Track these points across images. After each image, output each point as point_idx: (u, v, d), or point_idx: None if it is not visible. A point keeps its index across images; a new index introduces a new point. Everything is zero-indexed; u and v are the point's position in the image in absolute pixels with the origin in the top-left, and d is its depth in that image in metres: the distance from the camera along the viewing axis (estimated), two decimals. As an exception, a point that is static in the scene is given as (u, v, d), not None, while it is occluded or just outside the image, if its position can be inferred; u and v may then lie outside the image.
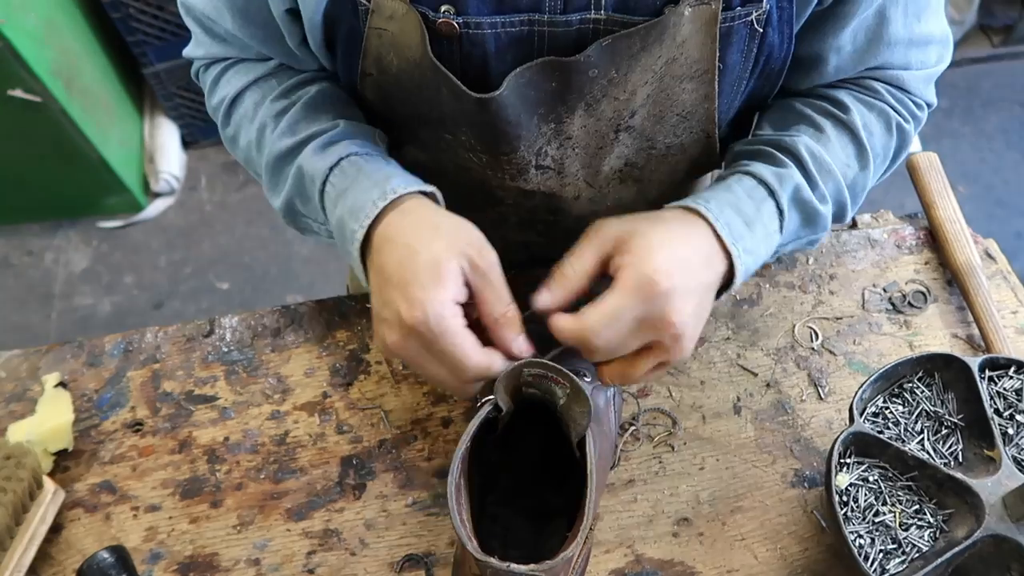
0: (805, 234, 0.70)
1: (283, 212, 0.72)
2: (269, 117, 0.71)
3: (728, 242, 0.62)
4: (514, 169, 0.71)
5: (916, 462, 0.67)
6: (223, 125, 0.76)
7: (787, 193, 0.66)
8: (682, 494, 0.75)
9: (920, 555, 0.64)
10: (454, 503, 0.55)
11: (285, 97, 0.71)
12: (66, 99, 1.95)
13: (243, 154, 0.75)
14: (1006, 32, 2.64)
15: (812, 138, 0.69)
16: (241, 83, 0.73)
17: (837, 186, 0.69)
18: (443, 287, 0.57)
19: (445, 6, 0.59)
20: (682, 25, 0.60)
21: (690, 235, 0.62)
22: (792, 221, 0.67)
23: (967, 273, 0.85)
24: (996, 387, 0.71)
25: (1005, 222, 2.33)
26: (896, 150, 0.75)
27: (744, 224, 0.63)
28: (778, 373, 0.82)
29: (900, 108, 0.73)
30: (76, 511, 0.75)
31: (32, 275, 2.28)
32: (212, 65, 0.76)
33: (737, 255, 0.62)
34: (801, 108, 0.73)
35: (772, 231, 0.66)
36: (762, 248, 0.65)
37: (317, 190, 0.66)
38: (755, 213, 0.64)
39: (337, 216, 0.65)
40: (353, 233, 0.62)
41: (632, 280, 0.57)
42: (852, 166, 0.71)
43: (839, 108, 0.72)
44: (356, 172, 0.65)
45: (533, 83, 0.63)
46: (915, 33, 0.68)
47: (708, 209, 0.63)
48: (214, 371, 0.84)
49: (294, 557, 0.72)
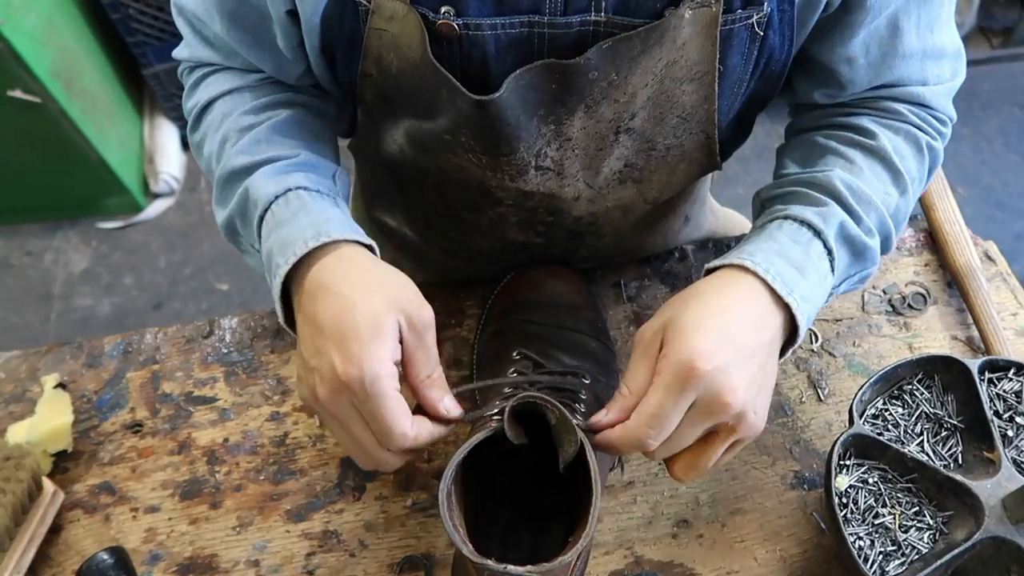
0: (856, 271, 0.67)
1: (224, 229, 0.70)
2: (233, 131, 0.69)
3: (783, 293, 0.58)
4: (513, 170, 0.71)
5: (916, 464, 0.67)
6: (192, 130, 0.75)
7: (833, 231, 0.63)
8: (682, 496, 0.75)
9: (920, 557, 0.64)
10: (445, 509, 0.55)
11: (254, 114, 0.70)
12: (66, 100, 1.95)
13: (205, 163, 0.73)
14: (1006, 34, 2.64)
15: (844, 170, 0.67)
16: (216, 91, 0.72)
17: (880, 217, 0.66)
18: (382, 344, 0.55)
19: (445, 7, 0.59)
20: (682, 27, 0.60)
21: (736, 299, 0.58)
22: (842, 260, 0.64)
23: (967, 275, 0.85)
24: (996, 389, 0.71)
25: (1005, 224, 2.33)
26: (929, 170, 0.73)
27: (796, 271, 0.60)
28: (778, 375, 0.82)
29: (925, 127, 0.71)
30: (75, 512, 0.75)
31: (31, 276, 2.28)
32: (196, 68, 0.75)
33: (796, 305, 0.59)
34: (825, 142, 0.71)
35: (824, 273, 0.62)
36: (818, 292, 0.62)
37: (257, 215, 0.64)
38: (804, 257, 0.61)
39: (267, 247, 0.63)
40: (277, 268, 0.60)
41: (669, 372, 0.55)
42: (892, 193, 0.68)
43: (865, 135, 0.69)
44: (299, 207, 0.63)
45: (533, 85, 0.63)
46: (929, 45, 0.67)
47: (756, 263, 0.59)
48: (214, 372, 0.84)
49: (293, 558, 0.72)
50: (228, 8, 0.67)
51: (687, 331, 0.55)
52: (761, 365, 0.57)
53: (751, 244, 0.62)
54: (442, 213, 0.84)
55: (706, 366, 0.53)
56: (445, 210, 0.83)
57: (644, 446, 0.56)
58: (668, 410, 0.55)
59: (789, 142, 0.76)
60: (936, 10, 0.66)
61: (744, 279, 0.59)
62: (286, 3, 0.64)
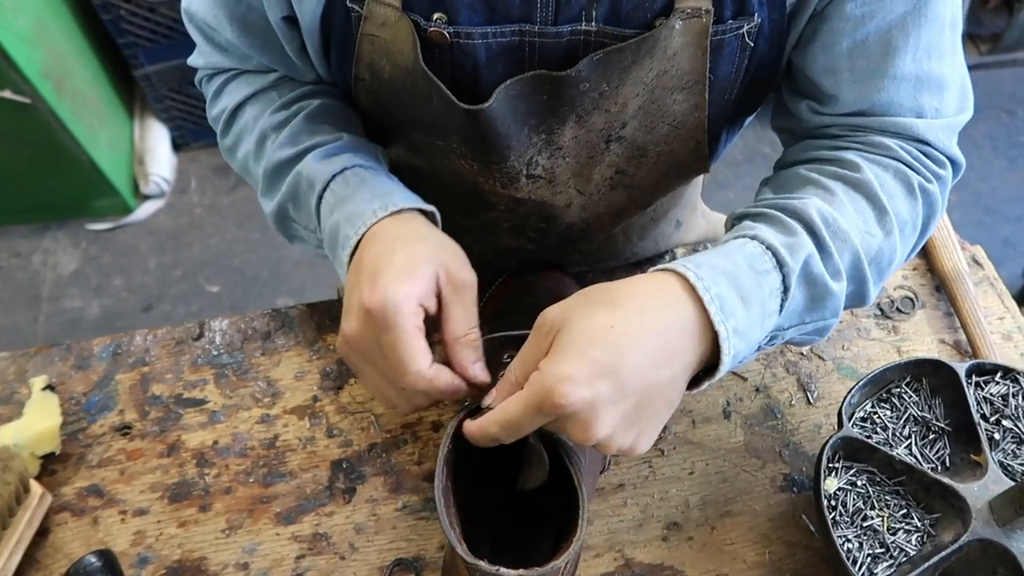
0: (811, 319, 0.60)
1: (274, 217, 0.72)
2: (270, 128, 0.70)
3: (716, 319, 0.51)
4: (504, 177, 0.71)
5: (904, 467, 0.67)
6: (222, 135, 0.76)
7: (797, 267, 0.55)
8: (672, 498, 0.75)
9: (908, 559, 0.65)
10: (442, 506, 0.55)
11: (286, 108, 0.71)
12: (55, 101, 1.94)
13: (240, 164, 0.75)
14: (993, 40, 2.66)
15: (823, 200, 0.59)
16: (242, 95, 0.73)
17: (855, 258, 0.59)
18: (410, 283, 0.55)
19: (437, 14, 0.59)
20: (673, 38, 0.60)
21: (653, 318, 0.51)
22: (796, 301, 0.57)
23: (954, 279, 0.86)
24: (983, 392, 0.71)
25: (992, 229, 2.35)
26: (925, 218, 0.64)
27: (739, 300, 0.53)
28: (767, 378, 0.82)
29: (918, 165, 0.63)
30: (63, 515, 0.75)
31: (20, 277, 2.27)
32: (215, 76, 0.77)
33: (725, 336, 0.51)
34: (806, 173, 0.64)
35: (771, 311, 0.55)
36: (756, 331, 0.54)
37: (316, 194, 0.65)
38: (755, 288, 0.54)
39: (332, 222, 0.64)
40: (347, 239, 0.62)
41: (533, 390, 0.50)
42: (874, 234, 0.60)
43: (848, 168, 0.63)
44: (359, 183, 0.64)
45: (523, 95, 0.63)
46: (925, 71, 0.61)
47: (699, 276, 0.52)
48: (203, 374, 0.83)
49: (283, 561, 0.72)
50: (238, 14, 0.68)
51: (569, 349, 0.50)
52: (645, 401, 0.52)
53: (705, 256, 0.55)
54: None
55: (571, 399, 0.48)
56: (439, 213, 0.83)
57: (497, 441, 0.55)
58: (522, 423, 0.52)
59: (773, 175, 0.71)
60: (936, 35, 0.61)
61: (677, 294, 0.52)
62: (282, 9, 0.64)
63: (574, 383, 0.48)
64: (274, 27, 0.66)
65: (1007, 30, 2.59)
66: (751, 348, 0.55)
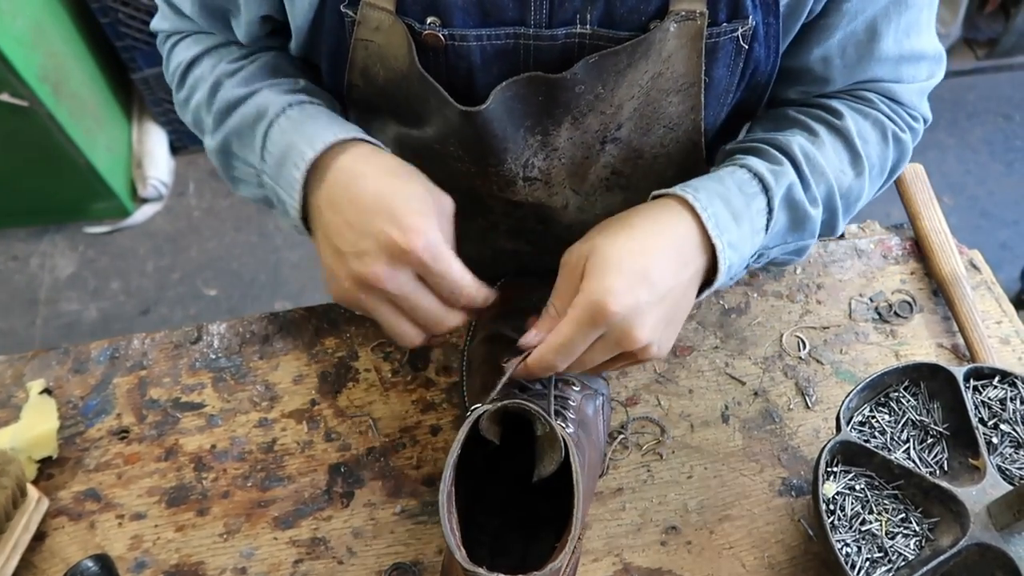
0: (792, 239, 0.69)
1: (216, 152, 0.70)
2: (224, 75, 0.69)
3: (713, 234, 0.60)
4: (502, 180, 0.71)
5: (902, 471, 0.67)
6: (177, 89, 0.75)
7: (780, 191, 0.64)
8: (670, 502, 0.75)
9: (906, 564, 0.65)
10: (445, 511, 0.55)
11: (243, 59, 0.70)
12: (54, 104, 1.94)
13: (192, 115, 0.73)
14: (990, 45, 2.67)
15: (806, 140, 0.68)
16: (198, 49, 0.72)
17: (829, 191, 0.68)
18: (435, 217, 0.57)
19: (431, 18, 0.59)
20: (667, 40, 0.60)
21: (665, 232, 0.60)
22: (780, 222, 0.66)
23: (952, 283, 0.86)
24: (981, 396, 0.71)
25: (990, 233, 2.35)
26: (894, 163, 0.74)
27: (731, 217, 0.61)
28: (766, 382, 0.82)
29: (895, 118, 0.72)
30: (60, 519, 0.75)
31: (17, 280, 2.26)
32: (173, 35, 0.76)
33: (721, 248, 0.60)
34: (795, 114, 0.72)
35: (758, 228, 0.64)
36: (747, 245, 0.63)
37: (267, 122, 0.63)
38: (744, 208, 0.62)
39: (285, 142, 0.62)
40: (302, 154, 0.60)
41: (581, 308, 0.56)
42: (847, 172, 0.70)
43: (833, 115, 0.71)
44: (316, 112, 0.63)
45: (519, 97, 0.63)
46: (905, 49, 0.68)
47: (696, 198, 0.60)
48: (201, 378, 0.83)
49: (281, 566, 0.72)
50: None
51: (606, 267, 0.57)
52: (674, 303, 0.59)
53: (700, 181, 0.63)
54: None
55: (617, 307, 0.55)
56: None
57: (553, 369, 0.59)
58: (576, 342, 0.57)
59: (764, 113, 0.77)
60: (915, 15, 0.67)
61: (680, 213, 0.60)
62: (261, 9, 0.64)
63: (617, 292, 0.55)
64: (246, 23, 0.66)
65: (1004, 35, 2.60)
66: (743, 261, 0.64)
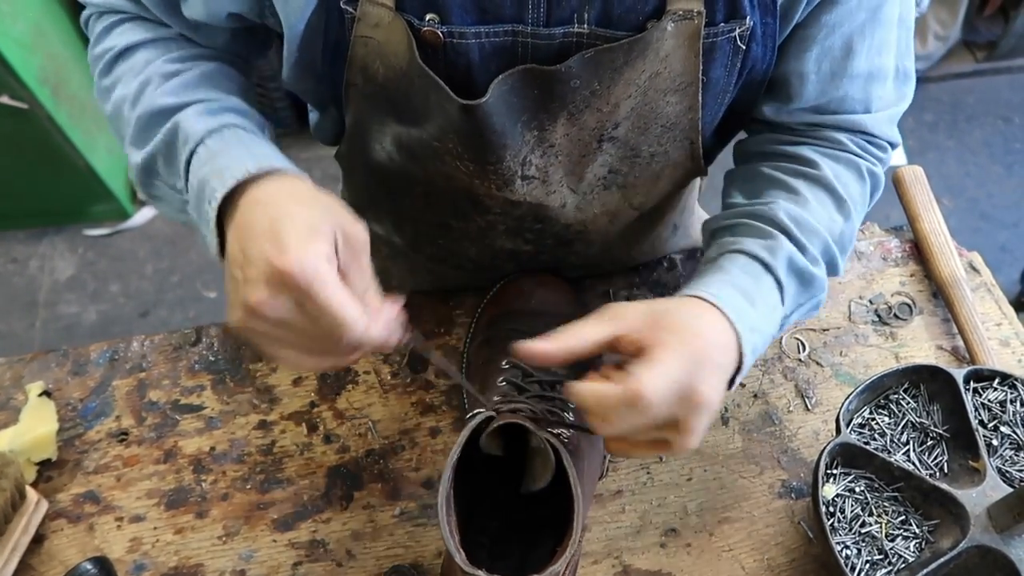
0: (805, 299, 0.68)
1: (139, 169, 0.67)
2: (157, 74, 0.66)
3: (732, 319, 0.59)
4: (500, 180, 0.71)
5: (902, 473, 0.67)
6: (101, 74, 0.71)
7: (782, 265, 0.64)
8: (670, 505, 0.75)
9: (906, 566, 0.64)
10: (444, 514, 0.55)
11: (181, 62, 0.67)
12: (53, 106, 1.94)
13: (113, 107, 0.69)
14: (989, 48, 2.67)
15: (789, 201, 0.68)
16: (137, 38, 0.69)
17: (825, 244, 0.68)
18: (319, 241, 0.52)
19: (430, 15, 0.59)
20: (665, 40, 0.61)
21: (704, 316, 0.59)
22: (790, 290, 0.66)
23: (952, 285, 0.86)
24: (980, 399, 0.71)
25: (989, 235, 2.35)
26: (870, 194, 0.75)
27: (745, 301, 0.61)
28: (765, 384, 0.82)
29: (865, 155, 0.73)
30: (59, 522, 0.75)
31: (17, 283, 2.26)
32: (107, 14, 0.72)
33: (744, 335, 0.59)
34: (771, 173, 0.72)
35: (774, 304, 0.64)
36: (767, 324, 0.62)
37: (188, 150, 0.61)
38: (755, 289, 0.63)
39: (200, 176, 0.59)
40: (214, 192, 0.57)
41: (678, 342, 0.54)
42: (836, 220, 0.70)
43: (808, 165, 0.71)
44: (236, 141, 0.61)
45: (515, 90, 0.63)
46: (876, 67, 0.69)
47: (709, 292, 0.60)
48: (200, 380, 0.83)
49: (280, 568, 0.72)
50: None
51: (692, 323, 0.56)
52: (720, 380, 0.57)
53: (702, 277, 0.63)
54: (431, 220, 0.84)
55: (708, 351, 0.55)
56: (434, 217, 0.83)
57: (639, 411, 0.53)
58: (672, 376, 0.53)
59: (736, 171, 0.77)
60: (886, 34, 0.67)
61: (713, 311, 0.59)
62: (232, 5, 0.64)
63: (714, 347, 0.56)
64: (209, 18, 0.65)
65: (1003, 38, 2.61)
66: (765, 339, 0.63)
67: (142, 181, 0.68)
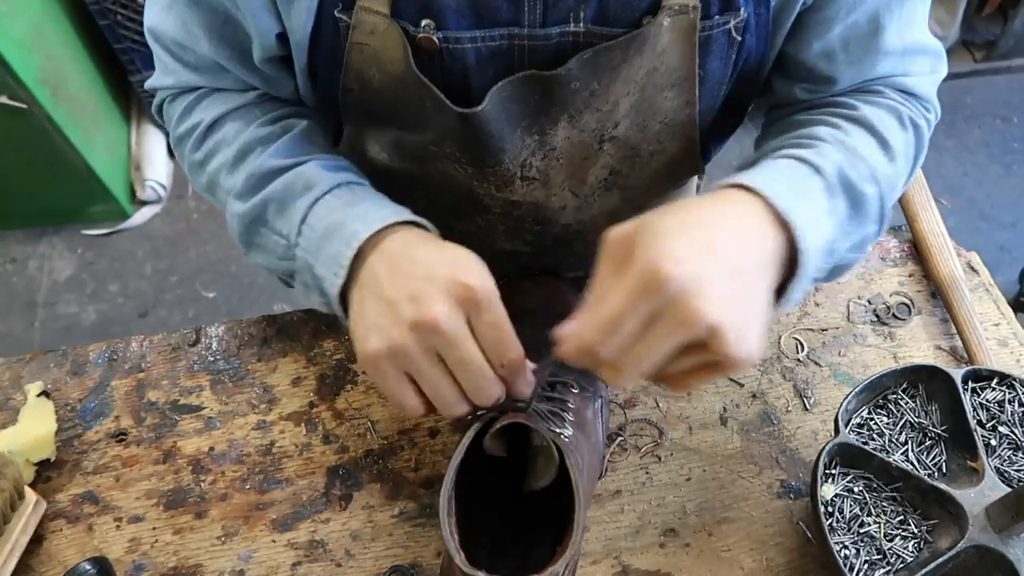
0: (854, 227, 0.61)
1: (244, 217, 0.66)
2: (256, 140, 0.67)
3: (783, 208, 0.51)
4: (499, 180, 0.71)
5: (900, 473, 0.67)
6: (192, 149, 0.71)
7: (832, 169, 0.58)
8: (669, 505, 0.75)
9: (905, 566, 0.65)
10: (445, 514, 0.55)
11: (271, 124, 0.68)
12: (52, 106, 1.94)
13: (208, 178, 0.70)
14: (988, 48, 2.67)
15: (831, 130, 0.64)
16: (221, 110, 0.69)
17: (872, 174, 0.61)
18: (487, 274, 0.53)
19: (425, 21, 0.59)
20: (661, 35, 0.61)
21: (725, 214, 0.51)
22: (840, 208, 0.58)
23: (950, 285, 0.86)
24: (979, 399, 0.71)
25: (988, 235, 2.35)
26: (916, 149, 0.69)
27: (796, 195, 0.53)
28: (764, 384, 0.82)
29: (908, 105, 0.69)
30: (58, 522, 0.75)
31: (16, 283, 2.26)
32: (184, 94, 0.72)
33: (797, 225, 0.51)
34: (807, 116, 0.69)
35: (825, 209, 0.56)
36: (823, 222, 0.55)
37: (313, 196, 0.62)
38: (805, 186, 0.56)
39: (333, 220, 0.60)
40: (356, 232, 0.58)
41: (631, 274, 0.47)
42: (880, 160, 0.64)
43: (846, 108, 0.68)
44: (365, 195, 0.63)
45: (515, 97, 0.63)
46: (909, 42, 0.67)
47: (753, 181, 0.53)
48: (200, 380, 0.83)
49: (279, 568, 0.72)
50: (214, 25, 0.65)
51: (660, 235, 0.48)
52: (748, 285, 0.49)
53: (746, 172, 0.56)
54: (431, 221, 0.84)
55: (673, 269, 0.45)
56: (434, 218, 0.83)
57: (595, 355, 0.49)
58: (624, 316, 0.47)
59: (770, 124, 0.75)
60: (912, 7, 0.66)
61: (740, 195, 0.53)
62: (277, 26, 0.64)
63: (677, 257, 0.46)
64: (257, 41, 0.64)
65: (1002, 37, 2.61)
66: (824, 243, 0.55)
67: (245, 229, 0.67)
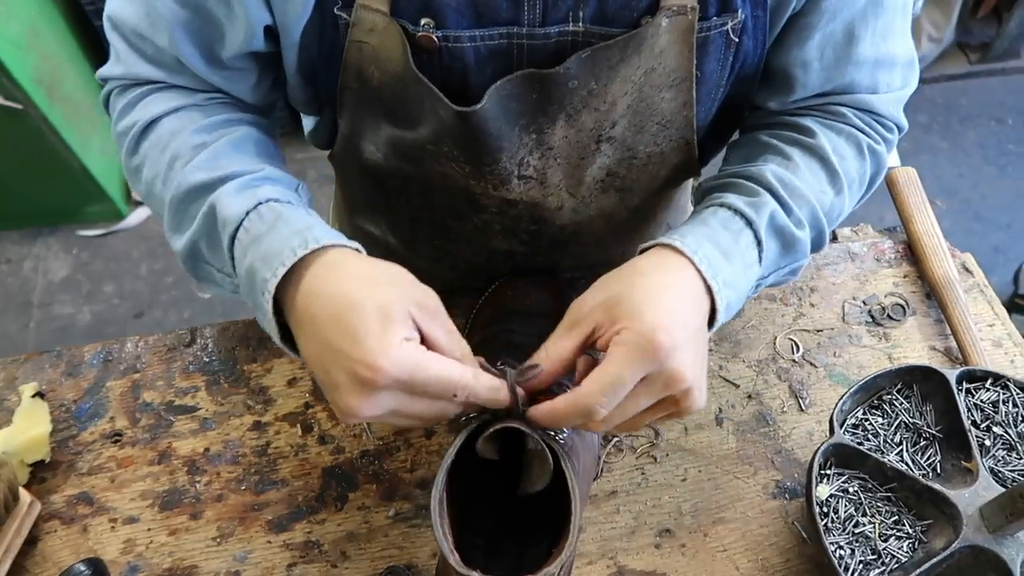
0: (786, 263, 0.68)
1: (184, 256, 0.64)
2: (186, 148, 0.63)
3: (707, 276, 0.59)
4: (496, 179, 0.71)
5: (895, 473, 0.67)
6: (129, 153, 0.67)
7: (763, 221, 0.64)
8: (664, 505, 0.75)
9: (899, 566, 0.65)
10: (437, 516, 0.55)
11: (207, 132, 0.65)
12: (47, 106, 1.94)
13: (145, 187, 0.67)
14: (983, 49, 2.68)
15: (779, 165, 0.68)
16: (160, 110, 0.66)
17: (813, 212, 0.67)
18: (396, 329, 0.52)
19: (425, 19, 0.60)
20: (659, 36, 0.61)
21: (673, 280, 0.59)
22: (771, 250, 0.65)
23: (945, 286, 0.86)
24: (973, 399, 0.72)
25: (982, 236, 2.36)
26: (872, 175, 0.74)
27: (722, 256, 0.61)
28: (760, 385, 0.82)
29: (868, 131, 0.72)
30: (52, 523, 0.74)
31: (11, 283, 2.26)
32: (132, 87, 0.69)
33: (717, 289, 0.60)
34: (767, 139, 0.72)
35: (751, 262, 0.63)
36: (742, 281, 0.63)
37: (228, 235, 0.59)
38: (733, 244, 0.62)
39: (247, 264, 0.57)
40: (265, 282, 0.56)
41: (631, 342, 0.54)
42: (827, 192, 0.69)
43: (805, 134, 0.70)
44: (274, 218, 0.58)
45: (514, 95, 0.63)
46: (882, 53, 0.68)
47: (685, 244, 0.60)
48: (195, 381, 0.83)
49: (275, 569, 0.72)
50: (181, 19, 0.62)
51: (642, 306, 0.55)
52: (701, 345, 0.58)
53: (685, 226, 0.64)
54: (427, 220, 0.84)
55: (667, 340, 0.54)
56: (430, 217, 0.83)
57: (592, 415, 0.55)
58: (624, 381, 0.54)
59: (738, 140, 0.77)
60: (890, 19, 0.67)
61: (676, 260, 0.60)
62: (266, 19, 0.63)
63: (666, 328, 0.54)
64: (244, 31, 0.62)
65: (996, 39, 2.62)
66: (740, 297, 0.63)
67: (189, 267, 0.66)
